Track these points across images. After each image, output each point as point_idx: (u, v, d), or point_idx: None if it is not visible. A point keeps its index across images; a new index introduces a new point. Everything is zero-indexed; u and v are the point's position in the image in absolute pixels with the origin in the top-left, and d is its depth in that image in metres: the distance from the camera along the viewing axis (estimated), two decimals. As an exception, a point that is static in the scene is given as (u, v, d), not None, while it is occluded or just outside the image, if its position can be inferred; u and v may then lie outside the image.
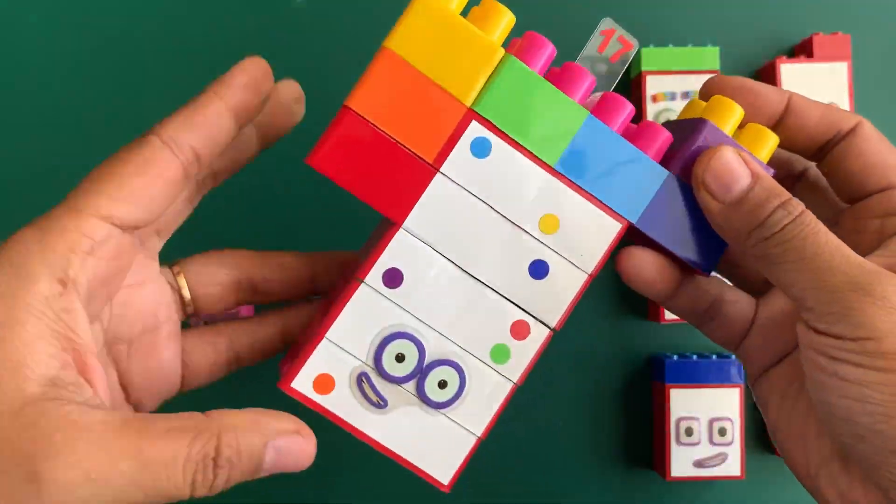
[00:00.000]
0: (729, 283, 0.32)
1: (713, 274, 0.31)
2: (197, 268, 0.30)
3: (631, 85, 0.46)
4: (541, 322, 0.30)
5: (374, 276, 0.28)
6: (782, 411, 0.29)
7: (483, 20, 0.27)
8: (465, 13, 0.28)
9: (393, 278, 0.28)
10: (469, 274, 0.29)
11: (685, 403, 0.43)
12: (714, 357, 0.44)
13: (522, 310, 0.29)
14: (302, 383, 0.28)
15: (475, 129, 0.28)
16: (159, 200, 0.26)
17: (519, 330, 0.29)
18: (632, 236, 0.30)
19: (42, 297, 0.22)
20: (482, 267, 0.29)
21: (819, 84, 0.44)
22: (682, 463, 0.43)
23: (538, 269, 0.29)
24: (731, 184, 0.26)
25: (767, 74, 0.45)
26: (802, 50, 0.45)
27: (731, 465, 0.43)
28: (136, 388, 0.29)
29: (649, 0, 0.46)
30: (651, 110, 0.43)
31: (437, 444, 0.30)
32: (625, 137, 0.29)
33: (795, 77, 0.44)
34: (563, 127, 0.28)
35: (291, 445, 0.25)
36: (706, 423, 0.43)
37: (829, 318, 0.24)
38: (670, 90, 0.44)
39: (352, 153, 0.27)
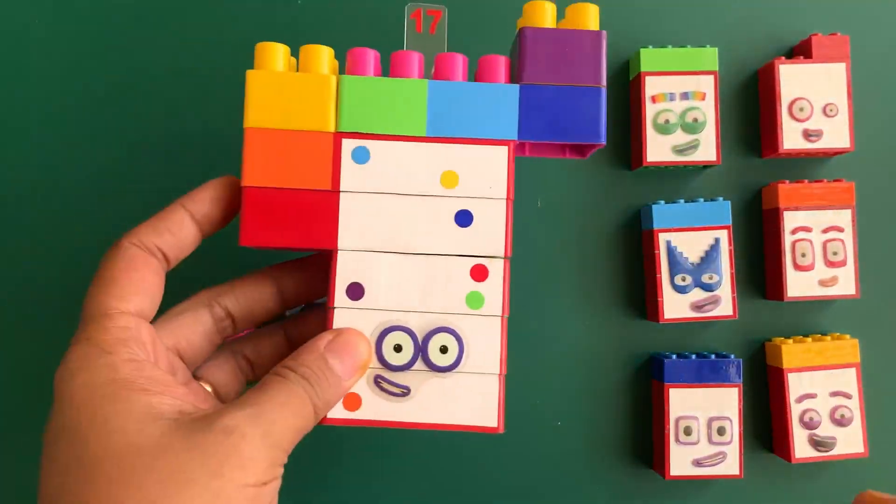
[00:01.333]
0: None
1: None
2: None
3: (630, 85, 0.46)
4: (491, 257, 0.33)
5: (340, 297, 0.33)
6: None
7: (307, 63, 0.33)
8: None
9: (355, 292, 0.33)
10: (413, 254, 0.33)
11: (684, 403, 0.43)
12: (713, 357, 0.44)
13: (471, 256, 0.33)
14: (335, 412, 0.32)
15: (349, 145, 0.33)
16: (153, 290, 0.31)
17: (479, 273, 0.33)
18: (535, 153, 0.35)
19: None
20: (419, 242, 0.33)
21: (817, 85, 0.44)
22: (681, 462, 0.43)
23: (463, 219, 0.33)
24: None
25: (766, 75, 0.45)
26: (801, 50, 0.46)
27: (730, 465, 0.43)
28: None
29: (648, 1, 0.46)
30: (650, 111, 0.44)
31: (469, 399, 0.33)
32: (475, 80, 0.34)
33: (794, 78, 0.44)
34: (413, 102, 0.33)
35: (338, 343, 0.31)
36: (705, 423, 0.43)
37: None
38: (669, 91, 0.44)
39: (269, 219, 0.32)
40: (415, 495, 0.46)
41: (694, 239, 0.44)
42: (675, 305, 0.43)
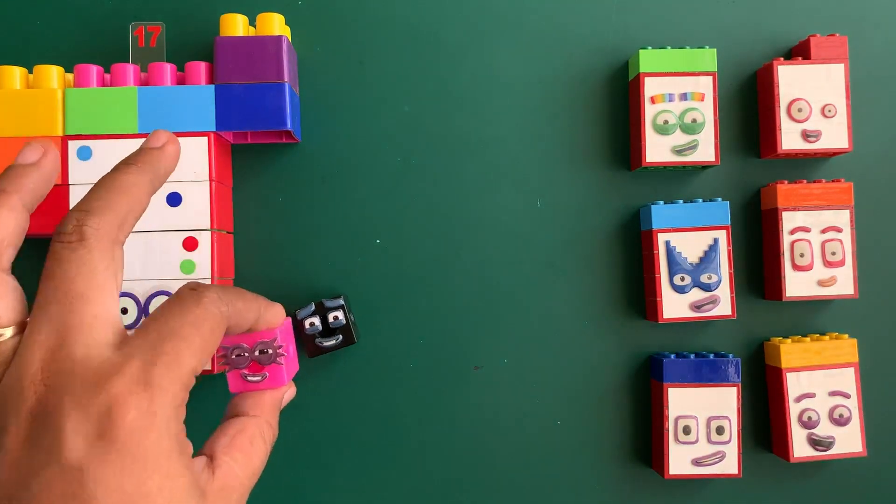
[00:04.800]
0: None
1: None
2: None
3: (629, 86, 0.46)
4: (199, 230, 0.40)
5: None
6: None
7: (38, 81, 0.40)
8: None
9: None
10: (133, 232, 0.37)
11: (683, 402, 0.43)
12: (711, 356, 0.44)
13: (182, 231, 0.40)
14: None
15: (74, 145, 0.40)
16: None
17: (190, 244, 0.40)
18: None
19: None
20: (139, 222, 0.37)
21: (816, 85, 0.44)
22: (680, 461, 0.43)
23: (174, 200, 0.40)
24: None
25: (765, 76, 0.45)
26: (799, 51, 0.46)
27: (729, 464, 0.43)
28: None
29: (647, 2, 0.46)
30: (649, 111, 0.44)
31: None
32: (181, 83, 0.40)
33: (792, 78, 0.44)
34: (126, 106, 0.40)
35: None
36: (704, 422, 0.43)
37: None
38: (668, 91, 0.44)
39: None
40: (414, 495, 0.46)
41: (693, 239, 0.44)
42: (674, 305, 0.44)
